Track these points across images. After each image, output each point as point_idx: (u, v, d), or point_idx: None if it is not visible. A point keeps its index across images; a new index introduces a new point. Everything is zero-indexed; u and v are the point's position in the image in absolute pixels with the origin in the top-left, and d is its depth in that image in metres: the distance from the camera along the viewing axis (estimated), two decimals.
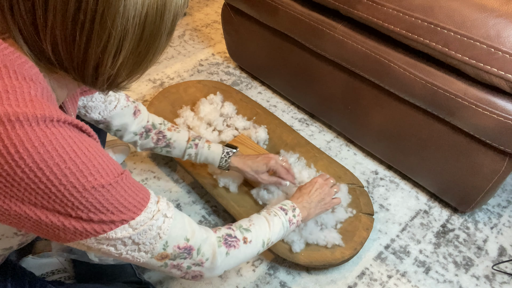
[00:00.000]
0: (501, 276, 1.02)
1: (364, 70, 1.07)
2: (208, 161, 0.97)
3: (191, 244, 0.59)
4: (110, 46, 0.43)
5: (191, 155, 0.96)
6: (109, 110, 0.84)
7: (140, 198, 0.52)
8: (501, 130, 0.87)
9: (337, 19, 1.10)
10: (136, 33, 0.44)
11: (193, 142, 0.96)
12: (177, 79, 1.56)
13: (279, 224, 0.77)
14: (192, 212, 1.11)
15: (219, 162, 0.97)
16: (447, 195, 1.12)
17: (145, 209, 0.52)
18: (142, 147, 0.95)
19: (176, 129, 0.95)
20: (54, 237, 0.48)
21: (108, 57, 0.44)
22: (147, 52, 0.47)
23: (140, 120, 0.90)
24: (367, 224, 1.03)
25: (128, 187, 0.51)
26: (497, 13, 0.81)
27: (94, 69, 0.46)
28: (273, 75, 1.45)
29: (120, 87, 0.51)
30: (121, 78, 0.49)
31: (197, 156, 0.96)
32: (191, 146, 0.95)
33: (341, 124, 1.30)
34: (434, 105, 0.96)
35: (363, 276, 1.00)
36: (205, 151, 0.96)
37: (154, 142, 0.93)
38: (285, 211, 0.81)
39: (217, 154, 0.96)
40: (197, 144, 0.96)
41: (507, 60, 0.80)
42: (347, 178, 1.14)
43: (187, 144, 0.95)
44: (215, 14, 1.96)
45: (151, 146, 0.94)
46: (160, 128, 0.93)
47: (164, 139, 0.94)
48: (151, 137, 0.93)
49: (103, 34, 0.42)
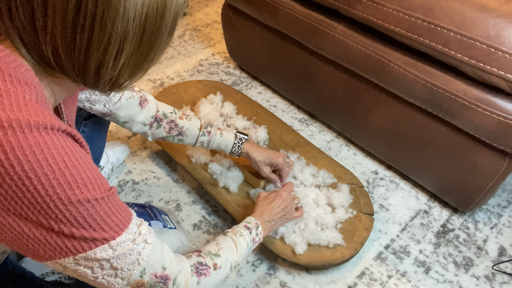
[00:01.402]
0: (501, 276, 1.02)
1: (364, 70, 1.07)
2: (220, 147, 0.99)
3: (168, 273, 0.58)
4: (111, 48, 0.43)
5: (203, 142, 0.97)
6: (113, 102, 0.83)
7: (123, 218, 0.52)
8: (501, 130, 0.87)
9: (337, 19, 1.10)
10: (137, 34, 0.44)
11: (206, 129, 0.97)
12: (177, 79, 1.56)
13: (244, 244, 0.78)
14: (192, 212, 1.11)
15: (231, 148, 0.98)
16: (447, 195, 1.12)
17: (127, 230, 0.52)
18: (154, 137, 0.95)
19: (187, 117, 0.96)
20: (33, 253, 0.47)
21: (110, 59, 0.44)
22: (149, 52, 0.47)
23: (148, 110, 0.90)
24: (367, 224, 1.03)
25: (112, 205, 0.50)
26: (497, 13, 0.81)
27: (95, 72, 0.45)
28: (273, 75, 1.45)
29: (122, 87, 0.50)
30: (123, 79, 0.48)
31: (209, 144, 0.98)
32: (204, 133, 0.96)
33: (341, 124, 1.30)
34: (434, 105, 0.96)
35: (363, 276, 1.00)
36: (217, 138, 0.97)
37: (167, 131, 0.93)
38: (249, 229, 0.81)
39: (230, 140, 0.98)
40: (210, 131, 0.97)
41: (507, 60, 0.80)
42: (347, 178, 1.14)
43: (199, 132, 0.96)
44: (215, 14, 1.96)
45: (163, 136, 0.94)
46: (171, 117, 0.93)
47: (177, 127, 0.94)
48: (163, 126, 0.93)
49: (104, 36, 0.42)
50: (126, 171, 1.20)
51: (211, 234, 1.06)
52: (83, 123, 0.93)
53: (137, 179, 1.18)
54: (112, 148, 1.16)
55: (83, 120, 0.93)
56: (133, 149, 1.27)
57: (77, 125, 0.92)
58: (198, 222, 1.09)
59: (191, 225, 1.08)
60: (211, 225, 1.08)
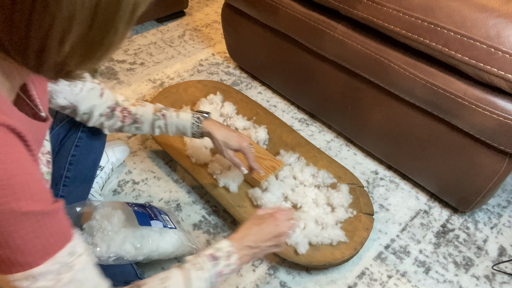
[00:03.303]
0: (501, 276, 1.02)
1: (364, 70, 1.07)
2: (179, 130, 0.91)
3: None
4: (55, 32, 0.39)
5: (161, 127, 0.90)
6: (75, 93, 0.78)
7: (52, 243, 0.44)
8: (501, 130, 0.87)
9: (337, 19, 1.10)
10: (85, 18, 0.39)
11: (160, 113, 0.89)
12: (177, 79, 1.56)
13: (200, 282, 0.62)
14: (192, 212, 1.11)
15: (190, 128, 0.90)
16: (447, 195, 1.12)
17: (53, 258, 0.44)
18: (110, 129, 0.88)
19: (140, 103, 0.89)
20: None
21: (53, 42, 0.40)
22: (101, 42, 0.42)
23: (105, 100, 0.84)
24: (367, 224, 1.03)
25: (44, 223, 0.42)
26: (497, 13, 0.81)
27: (37, 54, 0.41)
28: (273, 75, 1.45)
29: (72, 76, 0.45)
30: (70, 66, 0.44)
31: (167, 127, 0.90)
32: (159, 117, 0.89)
33: (341, 124, 1.30)
34: (434, 105, 0.96)
35: (363, 276, 1.00)
36: (174, 120, 0.89)
37: (121, 120, 0.87)
38: (216, 260, 0.65)
39: (186, 120, 0.90)
40: (165, 114, 0.89)
41: (507, 60, 0.80)
42: (347, 178, 1.14)
43: (153, 115, 0.88)
44: (215, 14, 1.96)
45: (119, 126, 0.88)
46: (124, 105, 0.87)
47: (130, 115, 0.87)
48: (117, 116, 0.86)
49: (45, 17, 0.38)
50: (126, 171, 1.20)
51: (211, 234, 1.06)
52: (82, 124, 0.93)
53: (137, 179, 1.18)
54: (112, 148, 1.16)
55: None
56: (133, 149, 1.27)
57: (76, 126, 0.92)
58: (198, 222, 1.09)
59: (191, 225, 1.08)
60: (211, 225, 1.08)
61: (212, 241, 1.05)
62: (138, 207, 0.89)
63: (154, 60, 1.64)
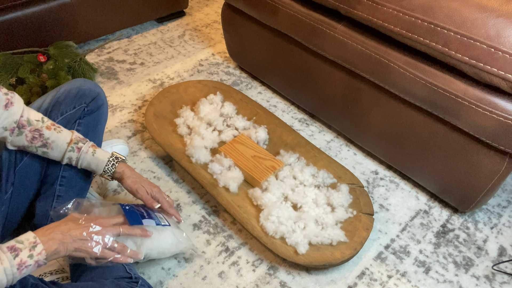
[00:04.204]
0: (501, 276, 1.02)
1: (364, 70, 1.07)
2: (90, 167, 0.88)
3: None
4: None
5: (71, 158, 0.87)
6: None
7: None
8: (501, 130, 0.87)
9: (337, 19, 1.10)
10: None
11: (76, 145, 0.86)
12: (177, 79, 1.56)
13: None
14: (192, 212, 1.11)
15: (104, 166, 0.88)
16: (447, 195, 1.12)
17: None
18: (13, 144, 0.84)
19: (57, 129, 0.85)
20: None
21: None
22: None
23: (11, 113, 0.79)
24: (367, 224, 1.03)
25: None
26: (497, 13, 0.81)
27: None
28: (273, 75, 1.45)
29: None
30: None
31: (78, 161, 0.87)
32: (73, 149, 0.86)
33: (341, 124, 1.30)
34: (434, 105, 0.96)
35: (363, 276, 1.00)
36: (88, 157, 0.87)
37: (29, 140, 0.83)
38: (16, 251, 0.65)
39: (102, 160, 0.88)
40: (80, 148, 0.86)
41: (507, 60, 0.80)
42: (347, 178, 1.14)
43: (68, 146, 0.85)
44: (215, 14, 1.96)
45: (24, 144, 0.83)
46: (36, 126, 0.83)
47: (41, 138, 0.83)
48: (25, 134, 0.82)
49: None
50: None
51: (211, 234, 1.06)
52: (77, 122, 0.93)
53: None
54: (110, 147, 1.16)
55: (77, 119, 0.93)
56: (133, 149, 1.27)
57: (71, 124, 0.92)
58: (198, 222, 1.09)
59: (191, 225, 1.08)
60: (211, 225, 1.08)
61: (212, 241, 1.05)
62: (129, 207, 0.89)
63: (154, 60, 1.64)
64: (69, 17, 1.50)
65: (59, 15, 1.47)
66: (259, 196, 1.05)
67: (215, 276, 0.98)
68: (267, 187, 1.08)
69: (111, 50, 1.68)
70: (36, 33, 1.44)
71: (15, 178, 0.88)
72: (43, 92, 1.30)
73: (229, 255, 1.02)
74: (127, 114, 1.40)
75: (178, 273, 0.98)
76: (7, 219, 0.88)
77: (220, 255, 1.02)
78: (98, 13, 1.57)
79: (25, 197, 0.91)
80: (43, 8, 1.42)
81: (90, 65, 1.48)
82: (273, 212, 1.00)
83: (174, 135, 1.24)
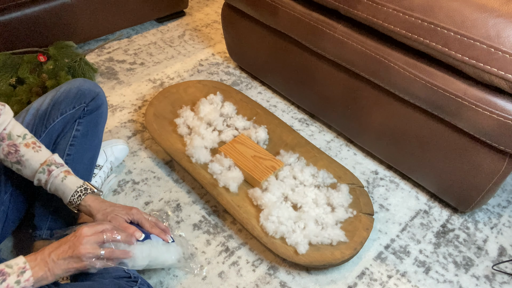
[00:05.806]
0: (501, 276, 1.02)
1: (364, 70, 1.07)
2: (58, 193, 0.83)
3: None
4: None
5: (40, 180, 0.82)
6: None
7: None
8: (501, 130, 0.87)
9: (337, 19, 1.10)
10: None
11: (48, 167, 0.81)
12: (177, 79, 1.56)
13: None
14: (192, 212, 1.11)
15: (70, 196, 0.82)
16: (447, 195, 1.12)
17: None
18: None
19: (36, 148, 0.82)
20: None
21: None
22: None
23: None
24: (367, 224, 1.03)
25: None
26: (497, 13, 0.81)
27: None
28: (273, 75, 1.45)
29: None
30: None
31: (47, 185, 0.82)
32: (43, 171, 0.81)
33: (341, 124, 1.30)
34: (434, 105, 0.96)
35: (363, 276, 1.00)
36: (56, 182, 0.81)
37: (4, 154, 0.81)
38: (4, 276, 0.63)
39: (70, 189, 0.82)
40: (51, 171, 0.81)
41: (507, 60, 0.80)
42: (347, 178, 1.14)
43: (39, 167, 0.81)
44: (215, 14, 1.96)
45: (1, 158, 0.82)
46: (15, 141, 0.80)
47: (16, 154, 0.80)
48: (2, 147, 0.80)
49: None
50: (126, 171, 1.20)
51: (211, 234, 1.06)
52: (77, 121, 0.93)
53: (137, 179, 1.18)
54: (111, 147, 1.16)
55: (77, 118, 0.93)
56: (133, 149, 1.27)
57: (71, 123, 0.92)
58: (198, 222, 1.09)
59: (191, 225, 1.08)
60: (211, 225, 1.08)
61: (212, 241, 1.05)
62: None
63: (154, 60, 1.64)
64: (69, 17, 1.50)
65: (59, 15, 1.47)
66: (259, 196, 1.05)
67: (215, 276, 0.98)
68: (267, 187, 1.08)
69: (111, 50, 1.68)
70: (36, 33, 1.44)
71: (15, 178, 0.88)
72: (43, 92, 1.30)
73: (229, 255, 1.02)
74: (127, 114, 1.40)
75: (178, 273, 0.98)
76: (7, 219, 0.88)
77: (220, 255, 1.02)
78: (98, 13, 1.57)
79: (25, 197, 0.91)
80: (43, 8, 1.42)
81: (90, 65, 1.48)
82: (273, 212, 1.00)
83: (174, 135, 1.24)
